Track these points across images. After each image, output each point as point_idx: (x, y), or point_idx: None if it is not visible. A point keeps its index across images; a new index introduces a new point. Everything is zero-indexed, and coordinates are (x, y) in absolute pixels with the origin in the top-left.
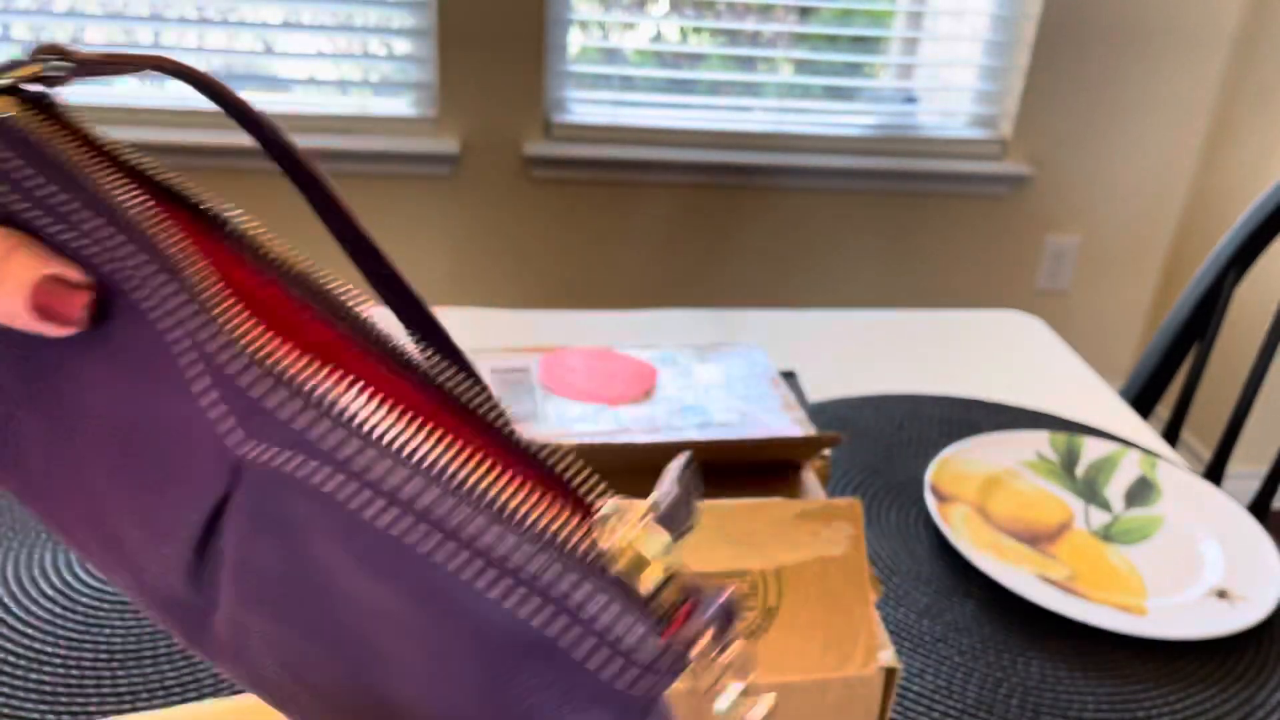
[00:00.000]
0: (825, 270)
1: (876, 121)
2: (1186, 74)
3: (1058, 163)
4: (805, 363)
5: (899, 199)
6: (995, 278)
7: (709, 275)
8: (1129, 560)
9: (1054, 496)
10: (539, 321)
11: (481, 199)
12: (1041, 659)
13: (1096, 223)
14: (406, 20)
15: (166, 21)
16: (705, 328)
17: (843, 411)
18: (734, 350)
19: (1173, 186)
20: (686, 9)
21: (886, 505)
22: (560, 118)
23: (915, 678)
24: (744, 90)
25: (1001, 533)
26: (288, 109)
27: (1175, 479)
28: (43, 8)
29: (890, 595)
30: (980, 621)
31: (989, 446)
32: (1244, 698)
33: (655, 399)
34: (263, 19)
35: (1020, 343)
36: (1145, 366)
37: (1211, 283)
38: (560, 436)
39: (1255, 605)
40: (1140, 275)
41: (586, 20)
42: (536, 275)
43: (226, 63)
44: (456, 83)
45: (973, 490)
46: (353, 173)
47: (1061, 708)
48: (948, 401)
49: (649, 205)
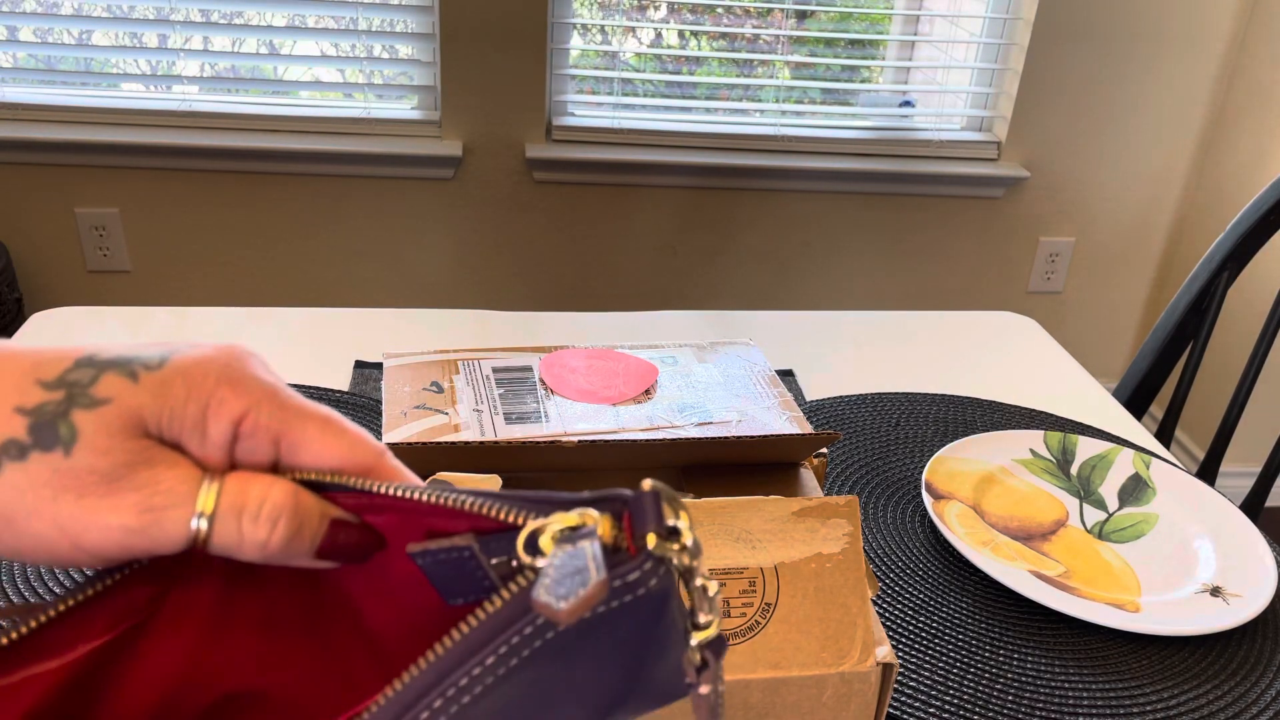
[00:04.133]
0: (822, 271)
1: (873, 124)
2: (1180, 77)
3: (1052, 165)
4: (802, 362)
5: (895, 201)
6: (990, 279)
7: (708, 276)
8: (1123, 557)
9: (1049, 494)
10: (540, 322)
11: (483, 201)
12: (1036, 655)
13: (1091, 224)
14: (410, 24)
15: (172, 24)
16: (704, 328)
17: (839, 410)
18: (732, 350)
19: (1166, 188)
20: (686, 13)
21: (883, 503)
22: (561, 121)
23: (911, 673)
24: (742, 94)
25: (996, 530)
26: (292, 112)
27: (1169, 477)
28: (49, 10)
29: (887, 592)
30: (976, 618)
31: (984, 445)
32: (1237, 694)
33: (655, 398)
34: (268, 22)
35: (1015, 343)
36: (1139, 366)
37: (1205, 284)
38: (561, 435)
39: (1248, 602)
40: (1134, 277)
41: (587, 24)
42: (538, 276)
43: (231, 66)
44: (459, 86)
45: (968, 488)
46: (356, 175)
47: (1056, 703)
48: (943, 400)
49: (649, 207)
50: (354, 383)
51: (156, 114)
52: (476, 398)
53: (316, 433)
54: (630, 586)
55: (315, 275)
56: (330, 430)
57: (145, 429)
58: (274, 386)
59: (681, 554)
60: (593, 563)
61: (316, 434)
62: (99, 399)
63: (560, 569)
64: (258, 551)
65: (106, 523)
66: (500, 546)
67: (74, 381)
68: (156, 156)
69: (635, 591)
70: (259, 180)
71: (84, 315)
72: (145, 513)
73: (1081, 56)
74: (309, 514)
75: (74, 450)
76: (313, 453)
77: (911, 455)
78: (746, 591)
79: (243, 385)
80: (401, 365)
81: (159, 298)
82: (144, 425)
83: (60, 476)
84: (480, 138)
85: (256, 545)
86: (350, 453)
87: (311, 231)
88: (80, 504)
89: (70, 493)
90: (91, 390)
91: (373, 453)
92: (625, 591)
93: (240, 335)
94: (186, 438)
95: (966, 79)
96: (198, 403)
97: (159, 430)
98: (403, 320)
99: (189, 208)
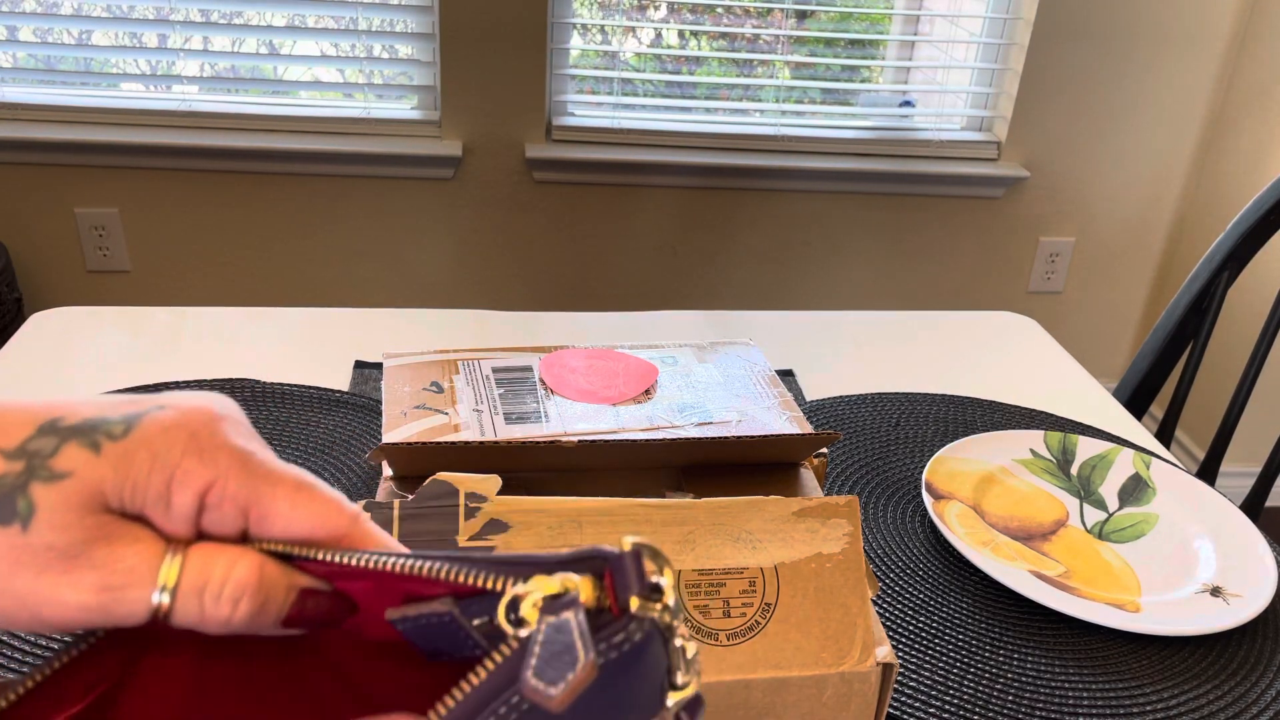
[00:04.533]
0: (822, 271)
1: (873, 124)
2: (1180, 76)
3: (1052, 165)
4: (802, 362)
5: (895, 201)
6: (990, 279)
7: (708, 276)
8: (1123, 557)
9: (1049, 494)
10: (540, 322)
11: (483, 201)
12: (1036, 655)
13: (1091, 224)
14: (410, 24)
15: (172, 24)
16: (704, 328)
17: (839, 410)
18: (732, 350)
19: (1167, 188)
20: (686, 13)
21: (883, 503)
22: (561, 121)
23: (911, 673)
24: (742, 94)
25: (996, 530)
26: (292, 112)
27: (1169, 477)
28: (49, 10)
29: (887, 592)
30: (976, 618)
31: (984, 445)
32: (1237, 694)
33: (655, 398)
34: (267, 22)
35: (1015, 343)
36: (1139, 366)
37: (1205, 283)
38: (561, 435)
39: (1248, 602)
40: (1134, 277)
41: (587, 24)
42: (538, 276)
43: (231, 66)
44: (459, 86)
45: (968, 488)
46: (356, 175)
47: (1056, 703)
48: (943, 400)
49: (649, 207)
50: (354, 383)
51: (156, 114)
52: (476, 398)
53: (286, 503)
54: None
55: (315, 275)
56: (301, 498)
57: (106, 503)
58: (244, 454)
59: (663, 614)
60: (579, 640)
61: (286, 503)
62: (58, 472)
63: (547, 647)
64: (220, 628)
65: (64, 600)
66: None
67: (34, 451)
68: (156, 156)
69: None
70: (259, 180)
71: (84, 315)
72: (103, 591)
73: (1081, 56)
74: (275, 587)
75: (31, 525)
76: (282, 523)
77: (911, 455)
78: (746, 591)
79: (209, 455)
80: (401, 365)
81: (159, 298)
82: (105, 500)
83: (16, 551)
84: (480, 138)
85: (219, 623)
86: (322, 521)
87: (311, 231)
88: (39, 580)
89: (28, 569)
90: (51, 463)
91: (345, 518)
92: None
93: (240, 335)
94: (150, 509)
95: (966, 79)
96: (161, 475)
97: (120, 503)
98: (403, 320)
99: (189, 208)
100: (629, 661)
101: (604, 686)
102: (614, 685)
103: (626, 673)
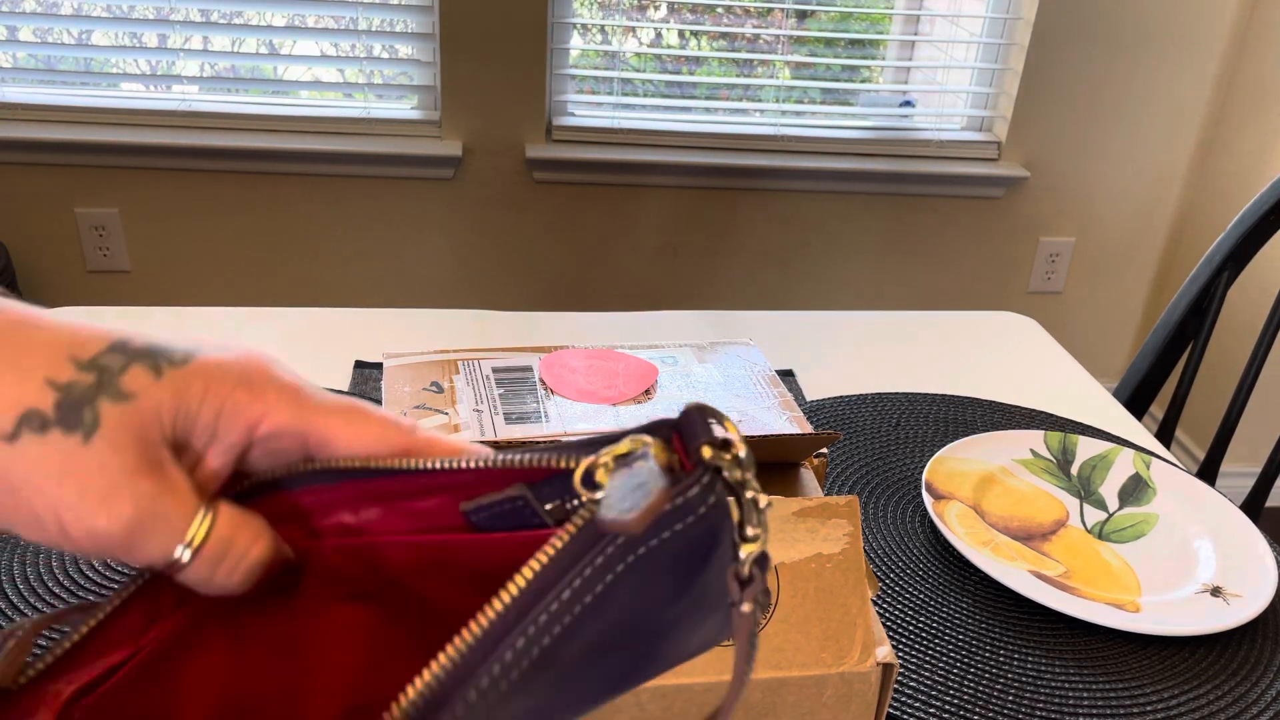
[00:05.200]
0: (822, 271)
1: (873, 124)
2: (1180, 77)
3: (1052, 165)
4: (802, 362)
5: (895, 201)
6: (990, 279)
7: (708, 276)
8: (1123, 557)
9: (1049, 494)
10: (540, 322)
11: (483, 201)
12: (1036, 655)
13: (1091, 224)
14: (410, 24)
15: (172, 24)
16: (704, 328)
17: (840, 410)
18: (732, 350)
19: (1166, 188)
20: (686, 13)
21: (883, 503)
22: (561, 121)
23: (912, 673)
24: (742, 94)
25: (996, 530)
26: (292, 112)
27: (1169, 477)
28: (49, 10)
29: (887, 592)
30: (976, 618)
31: (984, 445)
32: (1238, 694)
33: (655, 398)
34: (267, 22)
35: (1015, 343)
36: (1139, 366)
37: (1205, 284)
38: (561, 435)
39: (1248, 602)
40: (1134, 277)
41: (587, 24)
42: (538, 276)
43: (231, 66)
44: (459, 86)
45: (968, 488)
46: (356, 175)
47: (1056, 703)
48: (943, 400)
49: (649, 207)
50: (354, 383)
51: (156, 114)
52: (476, 398)
53: (341, 426)
54: (690, 505)
55: (315, 275)
56: (355, 421)
57: (160, 429)
58: (293, 388)
59: (734, 466)
60: (651, 475)
61: (341, 427)
62: (125, 393)
63: (620, 489)
64: (211, 592)
65: (95, 525)
66: (552, 491)
67: (105, 366)
68: (156, 156)
69: (695, 511)
70: (259, 180)
71: (83, 315)
72: (135, 529)
73: (1081, 56)
74: (275, 565)
75: (92, 440)
76: (344, 445)
77: (911, 455)
78: None
79: (259, 388)
80: (401, 365)
81: (159, 298)
82: (160, 425)
83: (71, 461)
84: (480, 138)
85: (216, 590)
86: (381, 438)
87: (311, 231)
88: (80, 497)
89: (74, 481)
90: (120, 380)
91: (403, 432)
92: (687, 512)
93: (240, 335)
94: (197, 438)
95: (966, 79)
96: (212, 405)
97: (171, 429)
98: (403, 320)
99: (189, 207)
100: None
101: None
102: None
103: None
